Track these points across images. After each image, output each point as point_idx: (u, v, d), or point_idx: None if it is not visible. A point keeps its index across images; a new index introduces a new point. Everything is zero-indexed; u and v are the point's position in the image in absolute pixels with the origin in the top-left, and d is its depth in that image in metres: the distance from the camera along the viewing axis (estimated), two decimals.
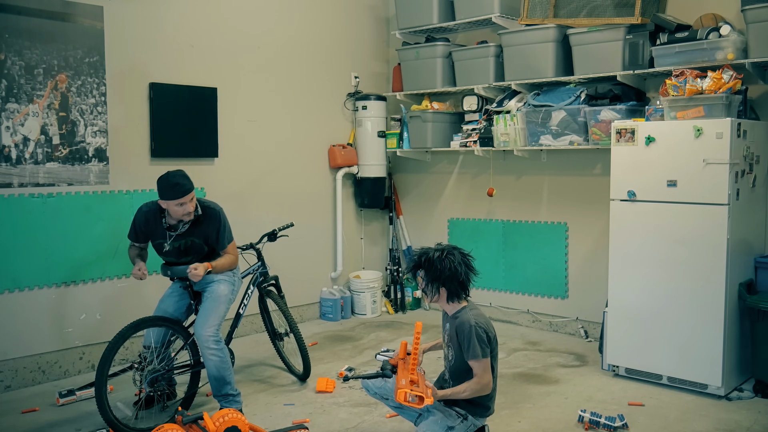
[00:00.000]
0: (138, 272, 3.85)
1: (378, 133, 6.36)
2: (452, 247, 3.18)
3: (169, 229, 3.84)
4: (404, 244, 6.68)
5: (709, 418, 3.85)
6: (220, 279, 3.96)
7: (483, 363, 3.06)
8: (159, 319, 3.90)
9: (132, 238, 3.95)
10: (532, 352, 5.15)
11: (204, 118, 5.25)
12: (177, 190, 3.69)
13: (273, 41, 5.76)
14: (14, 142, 4.34)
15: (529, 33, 5.26)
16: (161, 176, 3.75)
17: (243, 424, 3.34)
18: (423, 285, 3.21)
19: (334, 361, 4.94)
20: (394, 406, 3.38)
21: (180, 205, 3.71)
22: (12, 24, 4.29)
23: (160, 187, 3.72)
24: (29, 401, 4.19)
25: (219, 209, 3.94)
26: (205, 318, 3.84)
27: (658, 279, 4.31)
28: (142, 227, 3.88)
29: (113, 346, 3.65)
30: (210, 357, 3.79)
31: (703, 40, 4.42)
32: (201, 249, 3.91)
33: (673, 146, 4.19)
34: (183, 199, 3.71)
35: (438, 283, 3.14)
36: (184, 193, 3.70)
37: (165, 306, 4.01)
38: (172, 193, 3.69)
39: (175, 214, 3.76)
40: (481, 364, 3.06)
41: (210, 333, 3.80)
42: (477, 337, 3.04)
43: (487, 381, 3.08)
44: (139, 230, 3.90)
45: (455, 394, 3.09)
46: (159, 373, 3.81)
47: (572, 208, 5.53)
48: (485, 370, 3.07)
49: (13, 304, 4.39)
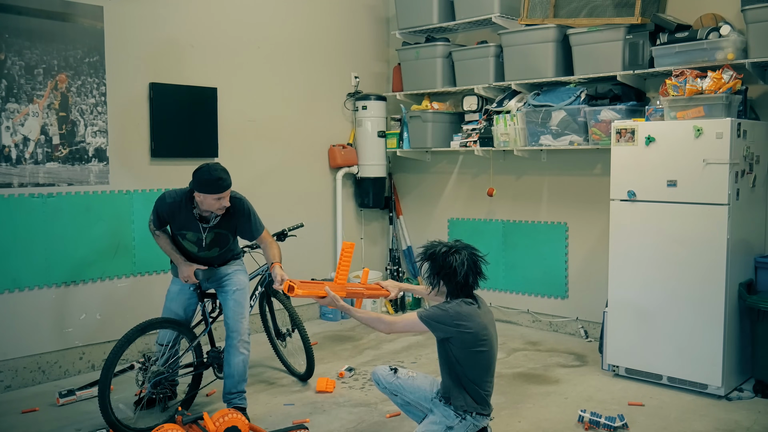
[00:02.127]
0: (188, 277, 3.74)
1: (378, 133, 6.36)
2: (463, 246, 3.14)
3: (201, 221, 3.77)
4: (404, 244, 6.68)
5: (709, 418, 3.85)
6: (235, 269, 3.96)
7: (413, 318, 3.06)
8: (166, 321, 3.86)
9: (156, 226, 3.84)
10: (532, 352, 5.15)
11: (204, 118, 5.25)
12: (220, 185, 3.61)
13: (273, 41, 5.76)
14: (14, 142, 4.34)
15: (529, 33, 5.26)
16: (201, 169, 3.65)
17: (243, 424, 3.35)
18: (427, 276, 3.20)
19: (334, 361, 4.94)
20: (401, 404, 3.37)
21: (218, 199, 3.65)
22: (12, 24, 4.29)
23: (200, 181, 3.61)
24: (29, 401, 4.19)
25: (244, 199, 3.88)
26: (238, 311, 3.85)
27: (658, 279, 4.31)
28: (166, 217, 3.79)
29: (119, 349, 3.58)
30: (242, 351, 3.81)
31: (703, 40, 4.42)
32: (228, 240, 3.90)
33: (673, 146, 4.19)
34: (224, 194, 3.65)
35: (438, 278, 3.13)
36: (226, 188, 3.64)
37: (174, 307, 3.93)
38: (215, 187, 3.60)
39: (210, 207, 3.67)
40: (411, 318, 3.06)
41: (246, 326, 3.84)
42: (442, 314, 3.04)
43: (391, 322, 3.11)
44: (163, 219, 3.81)
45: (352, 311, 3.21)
46: (163, 375, 3.77)
47: (572, 208, 5.53)
48: (403, 320, 3.09)
49: (13, 304, 4.38)
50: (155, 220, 3.84)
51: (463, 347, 3.04)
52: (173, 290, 3.97)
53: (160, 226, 3.85)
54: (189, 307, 3.96)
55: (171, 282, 4.01)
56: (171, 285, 3.99)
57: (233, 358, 3.82)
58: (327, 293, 3.21)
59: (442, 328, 3.04)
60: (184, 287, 3.92)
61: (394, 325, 3.12)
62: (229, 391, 3.86)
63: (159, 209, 3.80)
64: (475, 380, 3.10)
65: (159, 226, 3.84)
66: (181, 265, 3.79)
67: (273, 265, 3.76)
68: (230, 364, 3.83)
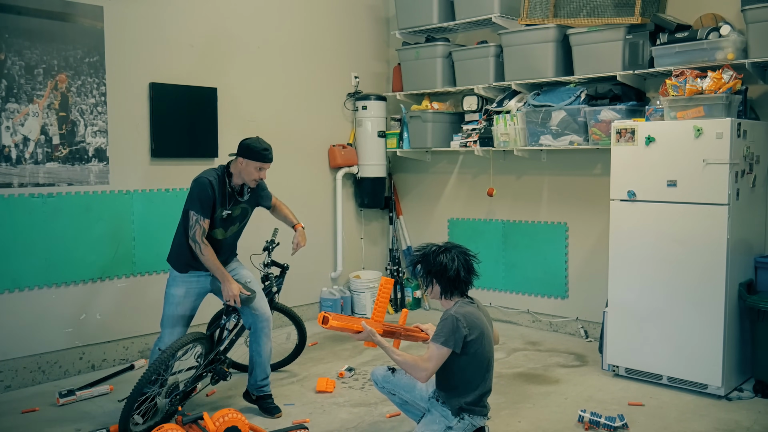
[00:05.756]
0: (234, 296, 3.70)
1: (378, 133, 6.36)
2: (453, 246, 3.18)
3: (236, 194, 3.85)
4: (404, 244, 6.68)
5: (709, 418, 3.85)
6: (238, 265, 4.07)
7: (438, 350, 2.99)
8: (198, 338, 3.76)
9: (206, 214, 3.67)
10: (532, 352, 5.15)
11: (204, 118, 5.25)
12: (266, 155, 3.80)
13: (273, 41, 5.76)
14: (14, 142, 4.34)
15: (529, 33, 5.26)
16: (249, 139, 3.82)
17: (243, 424, 3.35)
18: (420, 277, 3.22)
19: (334, 361, 4.94)
20: (399, 403, 3.38)
21: (259, 170, 3.80)
22: (12, 24, 4.29)
23: (250, 148, 3.75)
24: (29, 401, 4.19)
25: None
26: (264, 302, 3.95)
27: (658, 279, 4.31)
28: (210, 199, 3.69)
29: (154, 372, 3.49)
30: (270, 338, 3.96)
31: (703, 40, 4.42)
32: (247, 215, 4.02)
33: (673, 146, 4.19)
34: (266, 165, 3.82)
35: (430, 277, 3.15)
36: (270, 160, 3.84)
37: (180, 311, 3.83)
38: (262, 156, 3.78)
39: (248, 176, 3.79)
40: (435, 350, 3.00)
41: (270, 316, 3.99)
42: (450, 325, 3.00)
43: (425, 368, 2.99)
44: (209, 203, 3.69)
45: (390, 351, 3.08)
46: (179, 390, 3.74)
47: (572, 208, 5.53)
48: (433, 359, 3.00)
49: (13, 304, 4.38)
50: (202, 210, 3.66)
51: (464, 347, 3.04)
52: (177, 294, 3.82)
53: (207, 213, 3.69)
54: (194, 308, 3.92)
55: (171, 285, 3.85)
56: (172, 289, 3.83)
57: (264, 346, 3.92)
58: (363, 328, 3.09)
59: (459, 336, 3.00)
60: (191, 290, 3.84)
61: (428, 370, 3.01)
62: (258, 378, 3.95)
63: (203, 194, 3.67)
64: (472, 380, 3.10)
65: (207, 213, 3.69)
66: (229, 282, 3.71)
67: (297, 226, 4.24)
68: (261, 353, 3.91)
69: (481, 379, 3.12)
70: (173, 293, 3.83)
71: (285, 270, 4.44)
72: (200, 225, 3.67)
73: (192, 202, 3.70)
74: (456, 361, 3.04)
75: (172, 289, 3.84)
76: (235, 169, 3.80)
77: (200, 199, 3.68)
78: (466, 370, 3.08)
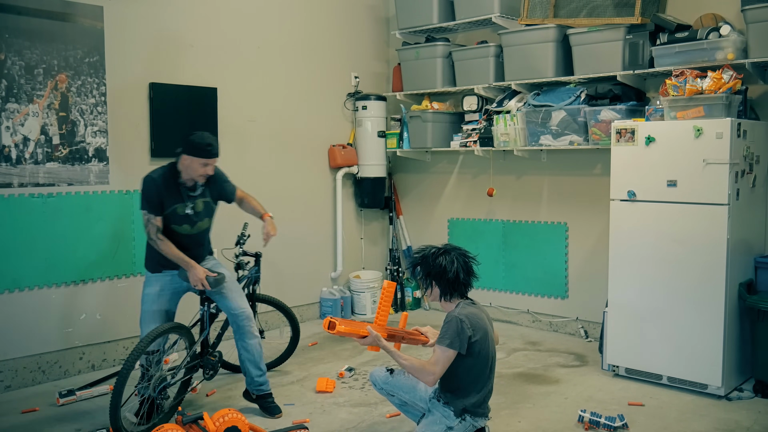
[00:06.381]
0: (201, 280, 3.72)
1: (378, 133, 6.36)
2: (452, 248, 3.18)
3: (189, 190, 3.84)
4: (404, 244, 6.68)
5: (709, 418, 3.85)
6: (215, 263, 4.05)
7: (444, 353, 2.99)
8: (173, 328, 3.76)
9: (155, 212, 3.72)
10: (532, 352, 5.15)
11: (204, 118, 5.25)
12: (211, 151, 3.77)
13: (273, 41, 5.76)
14: (14, 142, 4.34)
15: (529, 33, 5.26)
16: (192, 135, 3.78)
17: (243, 424, 3.35)
18: (419, 279, 3.22)
19: (334, 361, 4.94)
20: (399, 404, 3.38)
21: (204, 165, 3.77)
22: (12, 24, 4.29)
23: (192, 144, 3.73)
24: (29, 401, 4.19)
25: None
26: (240, 295, 3.94)
27: (658, 279, 4.31)
28: (159, 196, 3.73)
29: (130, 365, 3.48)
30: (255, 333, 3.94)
31: (703, 40, 4.42)
32: (212, 211, 3.98)
33: (673, 146, 4.19)
34: (211, 161, 3.78)
35: (429, 279, 3.15)
36: (215, 155, 3.80)
37: (157, 308, 3.85)
38: (205, 152, 3.75)
39: (194, 173, 3.78)
40: (441, 353, 3.00)
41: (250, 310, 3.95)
42: (455, 327, 3.00)
43: (433, 372, 2.99)
44: (157, 199, 3.73)
45: (397, 356, 3.07)
46: (167, 382, 3.74)
47: (572, 208, 5.53)
48: (439, 362, 3.00)
49: (13, 304, 4.38)
50: (151, 208, 3.73)
51: (468, 348, 3.05)
52: (152, 292, 3.85)
53: (157, 210, 3.74)
54: (172, 305, 3.93)
55: (146, 286, 3.88)
56: (147, 288, 3.87)
57: (250, 343, 3.90)
58: (369, 332, 3.10)
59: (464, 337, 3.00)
60: (165, 286, 3.86)
61: (436, 374, 3.02)
62: (254, 377, 3.94)
63: (149, 190, 3.74)
64: (477, 381, 3.10)
65: (156, 211, 3.73)
66: (193, 268, 3.75)
67: (265, 216, 4.11)
68: (248, 349, 3.90)
69: (486, 379, 3.13)
70: (148, 292, 3.88)
71: (258, 258, 4.45)
72: (152, 223, 3.73)
73: (141, 201, 3.78)
74: (461, 362, 3.05)
75: (147, 288, 3.90)
76: (182, 165, 3.81)
77: (147, 197, 3.75)
78: (471, 370, 3.08)
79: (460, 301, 3.15)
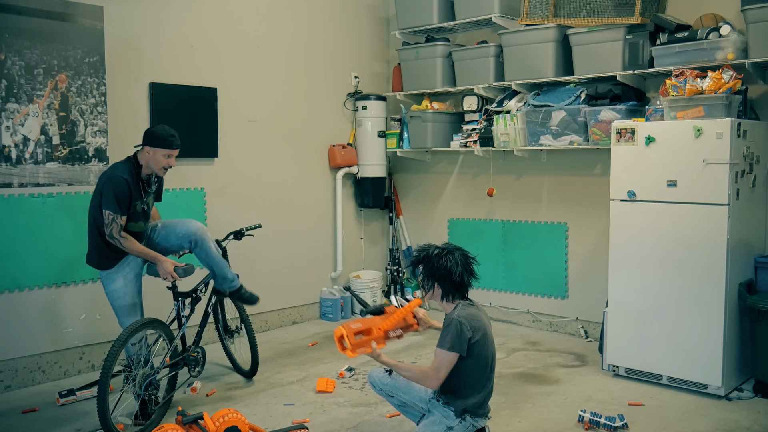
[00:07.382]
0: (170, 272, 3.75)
1: (378, 133, 6.36)
2: (455, 248, 3.17)
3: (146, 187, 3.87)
4: (404, 244, 6.68)
5: (709, 418, 3.86)
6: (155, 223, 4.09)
7: (445, 356, 3.02)
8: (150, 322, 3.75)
9: (122, 212, 3.68)
10: (532, 352, 5.15)
11: (204, 118, 5.25)
12: (174, 140, 3.80)
13: (273, 41, 5.76)
14: (14, 142, 4.34)
15: (529, 33, 5.26)
16: (154, 127, 3.83)
17: (243, 424, 3.34)
18: (421, 279, 3.22)
19: (334, 361, 4.94)
20: (398, 404, 3.38)
21: (167, 157, 3.79)
22: (12, 24, 4.29)
23: (155, 136, 3.76)
24: (29, 401, 4.19)
25: None
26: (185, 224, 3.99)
27: (658, 279, 4.31)
28: (127, 197, 3.69)
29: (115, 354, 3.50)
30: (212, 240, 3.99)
31: (703, 40, 4.42)
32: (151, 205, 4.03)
33: (673, 146, 4.19)
34: (173, 152, 3.80)
35: (433, 279, 3.15)
36: (178, 146, 3.82)
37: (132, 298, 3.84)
38: (169, 143, 3.77)
39: (156, 165, 3.79)
40: (443, 356, 3.02)
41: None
42: (455, 330, 3.01)
43: (435, 376, 3.03)
44: (127, 201, 3.69)
45: (398, 368, 3.14)
46: (153, 377, 3.74)
47: (572, 208, 5.53)
48: (442, 366, 3.02)
49: (13, 304, 4.39)
50: (120, 209, 3.66)
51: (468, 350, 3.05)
52: (118, 287, 3.81)
53: (124, 210, 3.70)
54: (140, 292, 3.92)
55: (108, 284, 3.84)
56: (110, 286, 3.83)
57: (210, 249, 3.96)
58: (372, 350, 3.16)
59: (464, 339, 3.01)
60: (128, 279, 3.83)
61: (440, 378, 3.05)
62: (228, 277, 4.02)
63: (122, 194, 3.68)
64: (477, 381, 3.10)
65: (123, 210, 3.70)
66: (161, 261, 3.79)
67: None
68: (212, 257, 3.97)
69: (486, 379, 3.13)
70: (114, 289, 3.84)
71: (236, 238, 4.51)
72: (117, 223, 3.71)
73: (108, 201, 3.68)
74: (461, 363, 3.05)
75: (110, 286, 3.85)
76: (143, 159, 3.81)
77: (117, 198, 3.68)
78: (471, 371, 3.08)
79: (460, 302, 3.15)
